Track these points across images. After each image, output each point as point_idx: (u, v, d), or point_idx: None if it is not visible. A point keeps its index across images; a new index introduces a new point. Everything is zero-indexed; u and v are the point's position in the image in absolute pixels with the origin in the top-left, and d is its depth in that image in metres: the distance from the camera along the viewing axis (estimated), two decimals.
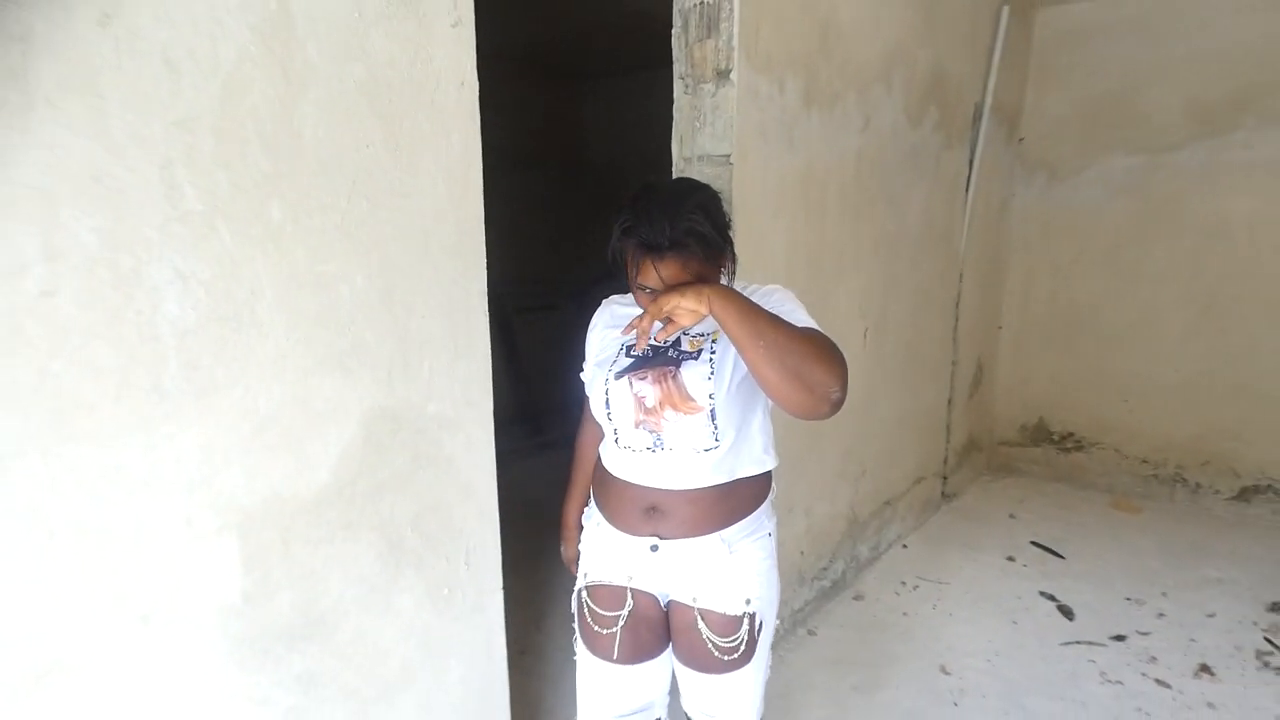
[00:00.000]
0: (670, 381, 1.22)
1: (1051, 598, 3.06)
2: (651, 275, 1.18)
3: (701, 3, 1.99)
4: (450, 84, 1.29)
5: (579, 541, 1.47)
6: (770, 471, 1.36)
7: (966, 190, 3.69)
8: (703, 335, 1.27)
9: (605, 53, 4.75)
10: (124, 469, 0.97)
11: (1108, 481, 4.32)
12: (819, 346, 1.08)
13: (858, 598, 3.04)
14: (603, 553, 1.37)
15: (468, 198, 1.36)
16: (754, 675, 1.36)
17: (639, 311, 1.19)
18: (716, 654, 1.30)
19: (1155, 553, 3.49)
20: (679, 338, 1.26)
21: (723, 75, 1.99)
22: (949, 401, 3.98)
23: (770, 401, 1.25)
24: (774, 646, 2.61)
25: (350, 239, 1.18)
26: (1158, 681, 2.50)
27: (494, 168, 1.40)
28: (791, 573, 2.69)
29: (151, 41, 0.93)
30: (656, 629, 1.37)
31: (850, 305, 2.82)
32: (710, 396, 1.20)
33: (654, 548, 1.29)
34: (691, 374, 1.22)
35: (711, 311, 1.08)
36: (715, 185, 2.03)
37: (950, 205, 3.56)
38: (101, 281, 0.92)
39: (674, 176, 1.31)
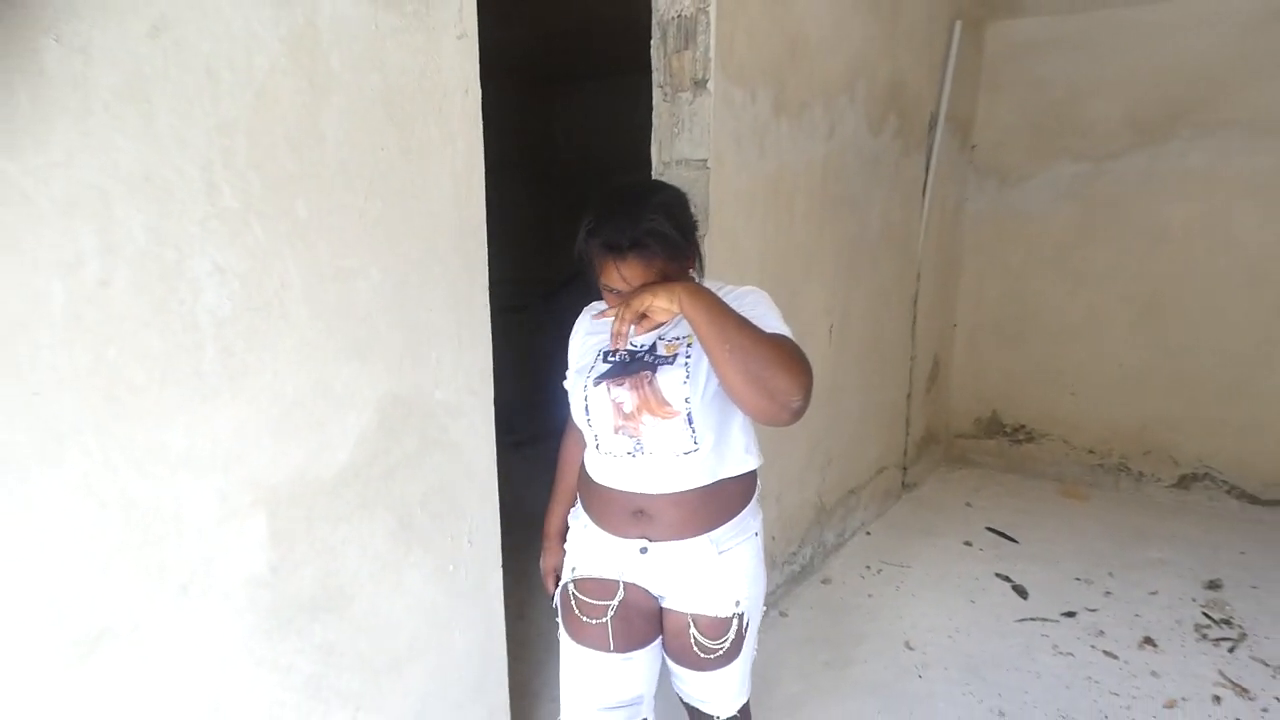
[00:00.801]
0: (647, 387, 1.22)
1: (1006, 579, 3.24)
2: (614, 276, 1.19)
3: (679, 16, 2.11)
4: (456, 92, 1.39)
5: (560, 551, 1.49)
6: (754, 471, 1.37)
7: (923, 195, 3.86)
8: (679, 339, 1.26)
9: (578, 58, 4.84)
10: (167, 447, 1.05)
11: (1057, 471, 4.53)
12: (784, 354, 1.08)
13: (825, 581, 3.19)
14: (591, 551, 1.37)
15: (471, 199, 1.45)
16: (742, 664, 1.39)
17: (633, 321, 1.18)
18: (704, 655, 1.33)
19: (1102, 536, 3.69)
20: (655, 343, 1.27)
21: (699, 85, 2.11)
22: (908, 396, 4.16)
23: None
24: None
25: (367, 236, 1.26)
26: (1105, 653, 2.67)
27: None
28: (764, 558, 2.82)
29: (195, 53, 1.01)
30: (650, 618, 1.37)
31: (816, 303, 2.96)
32: (686, 401, 1.20)
33: (643, 550, 1.30)
34: (667, 379, 1.21)
35: (682, 310, 1.09)
36: (693, 189, 2.19)
37: (908, 209, 3.74)
38: (150, 273, 1.00)
39: (641, 177, 1.29)
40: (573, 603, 1.38)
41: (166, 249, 1.01)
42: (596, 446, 1.30)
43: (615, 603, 1.34)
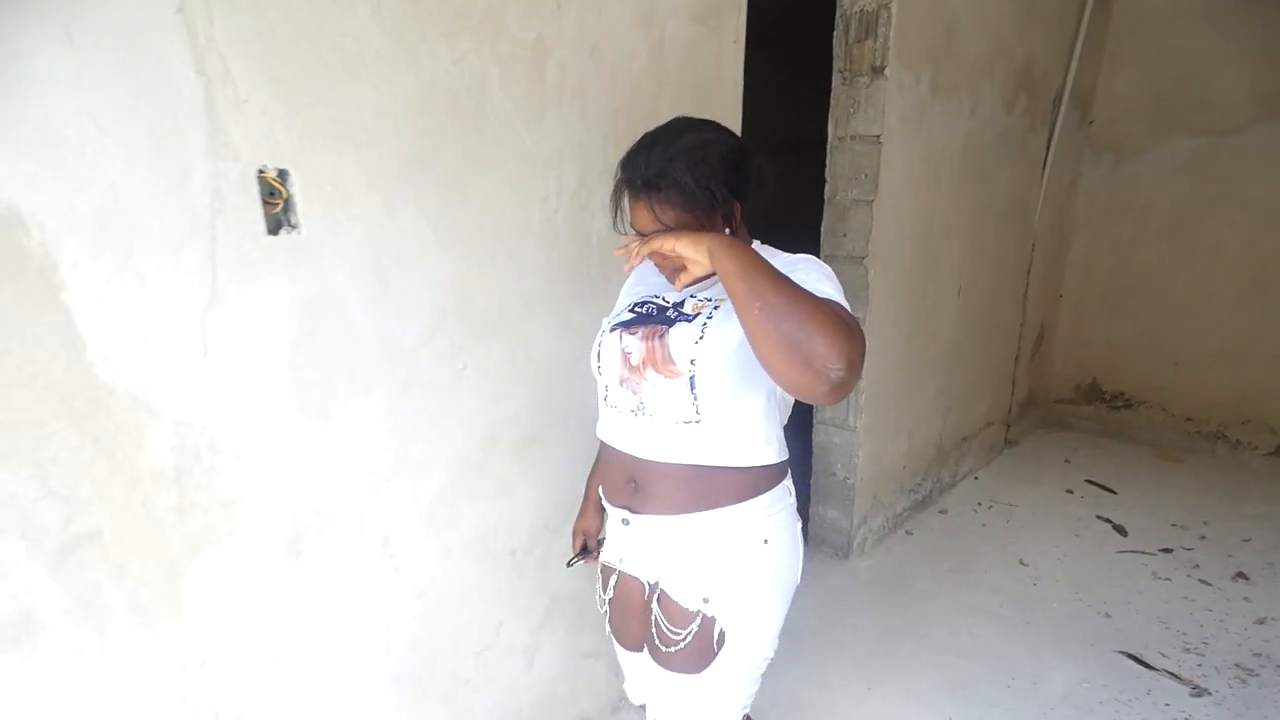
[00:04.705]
0: (657, 340, 1.12)
1: (1107, 520, 3.58)
2: (632, 214, 1.11)
3: (862, 11, 2.52)
4: (729, 83, 1.87)
5: (591, 514, 1.44)
6: (774, 469, 1.20)
7: (1043, 169, 4.14)
8: (708, 300, 1.16)
9: None
10: (571, 322, 1.59)
11: (1153, 436, 4.72)
12: (826, 316, 0.91)
13: (942, 511, 3.62)
14: (607, 529, 1.35)
15: None
16: (708, 695, 1.21)
17: (667, 272, 1.15)
18: (658, 642, 1.22)
19: (1197, 493, 3.95)
20: (685, 299, 1.19)
21: (877, 70, 2.53)
22: (1015, 358, 4.48)
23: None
24: (880, 543, 3.24)
25: None
26: (1201, 581, 3.01)
27: None
28: (894, 483, 3.28)
29: (607, 64, 1.53)
30: (641, 618, 1.31)
31: (950, 266, 3.35)
32: (692, 363, 1.08)
33: (625, 521, 1.24)
34: (679, 335, 1.11)
35: (711, 261, 0.98)
36: (865, 161, 2.62)
37: (1029, 183, 4.03)
38: (574, 206, 1.53)
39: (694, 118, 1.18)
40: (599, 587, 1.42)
41: (582, 191, 1.54)
42: (605, 399, 1.23)
43: (607, 596, 1.35)
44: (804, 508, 2.94)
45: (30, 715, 1.00)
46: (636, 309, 1.22)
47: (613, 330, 1.20)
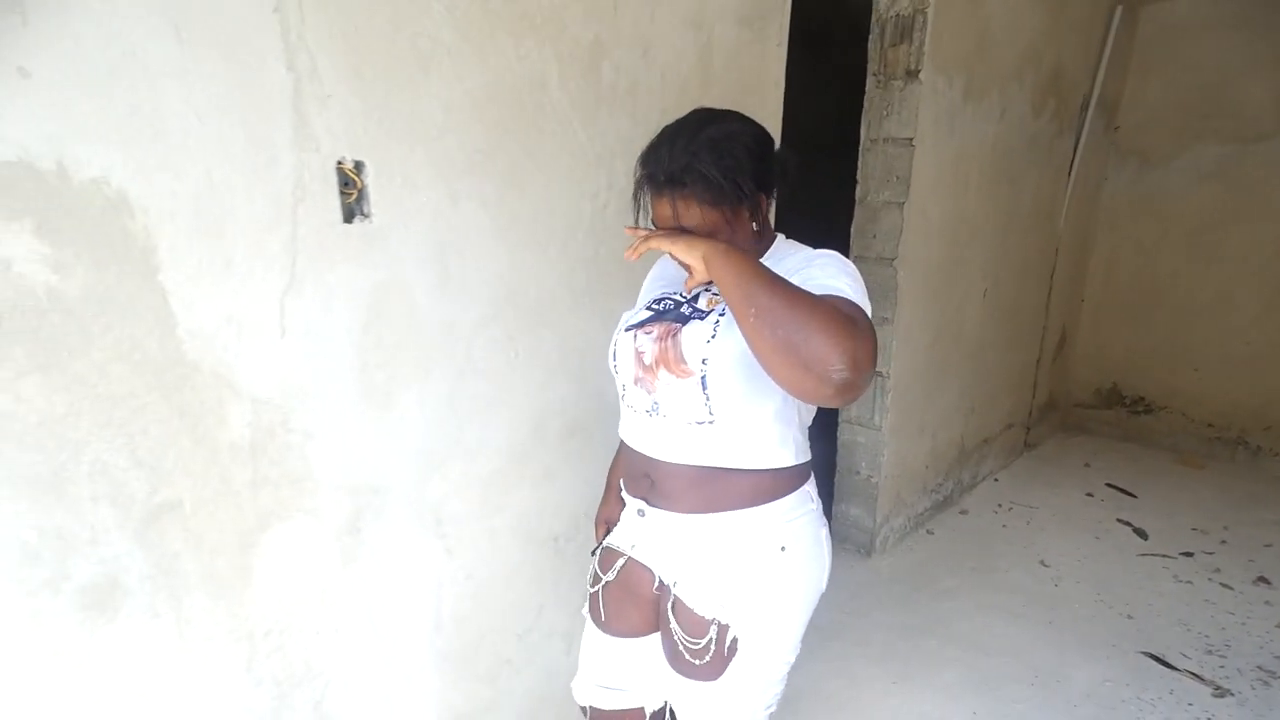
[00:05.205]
0: (670, 339, 1.09)
1: (1127, 523, 3.59)
2: (654, 210, 1.09)
3: (898, 15, 2.55)
4: (771, 84, 1.91)
5: (613, 502, 1.38)
6: (792, 473, 1.15)
7: (1069, 174, 4.15)
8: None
9: None
10: (614, 315, 1.59)
11: (1173, 442, 4.71)
12: (826, 316, 0.87)
13: (963, 512, 3.64)
14: (622, 516, 1.31)
15: None
16: (727, 700, 1.18)
17: (687, 271, 1.06)
18: (685, 654, 1.17)
19: (1218, 498, 3.95)
20: (699, 294, 1.15)
21: (912, 74, 2.56)
22: (1037, 361, 4.49)
23: None
24: (901, 541, 3.27)
25: None
26: (1222, 585, 3.03)
27: None
28: (916, 483, 3.30)
29: (658, 64, 1.57)
30: (643, 608, 1.27)
31: (976, 269, 3.37)
32: (704, 362, 1.05)
33: (641, 512, 1.21)
34: (692, 334, 1.07)
35: (706, 268, 0.96)
36: (897, 163, 2.65)
37: (1055, 187, 4.05)
38: (623, 203, 1.57)
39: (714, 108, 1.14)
40: (592, 568, 1.36)
41: (628, 185, 1.57)
42: (622, 397, 1.21)
43: (607, 578, 1.29)
44: (827, 506, 2.99)
45: (107, 678, 1.05)
46: (653, 306, 1.20)
47: (628, 330, 1.18)
